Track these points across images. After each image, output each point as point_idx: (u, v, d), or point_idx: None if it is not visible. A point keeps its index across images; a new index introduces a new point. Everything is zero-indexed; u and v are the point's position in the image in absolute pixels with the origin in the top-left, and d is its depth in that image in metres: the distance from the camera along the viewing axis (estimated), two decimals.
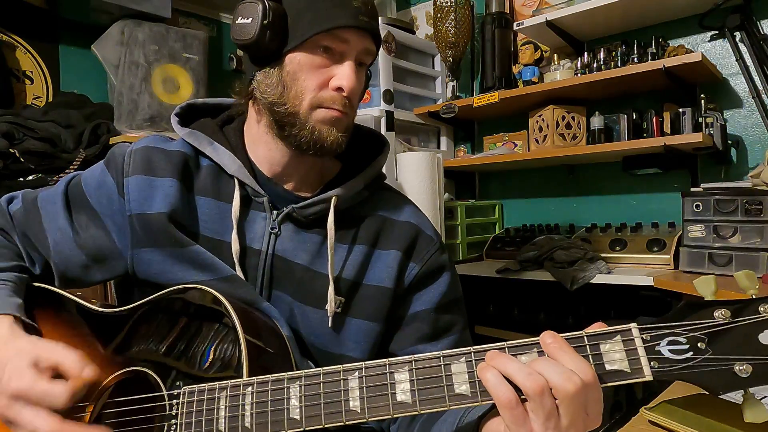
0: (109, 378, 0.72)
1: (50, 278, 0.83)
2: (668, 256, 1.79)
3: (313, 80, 0.75)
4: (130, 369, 0.71)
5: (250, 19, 0.74)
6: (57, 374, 0.65)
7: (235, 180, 0.80)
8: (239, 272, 0.78)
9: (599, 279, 1.75)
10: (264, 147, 0.82)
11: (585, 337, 0.54)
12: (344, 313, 0.80)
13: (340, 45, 0.75)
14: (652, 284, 1.62)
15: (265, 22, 0.73)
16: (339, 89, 0.75)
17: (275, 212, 0.81)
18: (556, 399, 0.51)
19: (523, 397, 0.51)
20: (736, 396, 0.54)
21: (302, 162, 0.81)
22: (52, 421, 0.62)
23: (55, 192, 0.84)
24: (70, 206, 0.83)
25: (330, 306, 0.78)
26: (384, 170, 0.91)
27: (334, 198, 0.79)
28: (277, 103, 0.76)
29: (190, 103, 0.89)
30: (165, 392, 0.67)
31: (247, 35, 0.74)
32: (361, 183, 0.83)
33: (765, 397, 0.82)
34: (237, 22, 0.76)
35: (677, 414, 0.80)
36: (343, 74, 0.75)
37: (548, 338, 0.54)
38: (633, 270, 1.80)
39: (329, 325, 0.79)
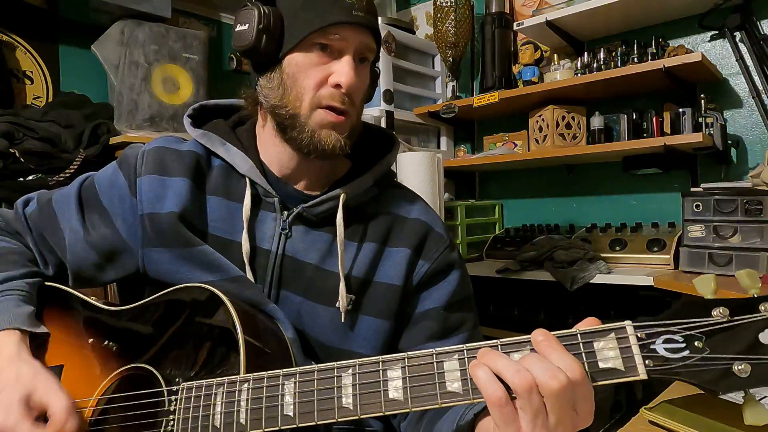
0: (114, 374, 0.73)
1: (64, 279, 0.85)
2: (668, 256, 1.78)
3: (311, 79, 0.75)
4: (133, 365, 0.72)
5: (247, 25, 0.75)
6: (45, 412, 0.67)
7: (246, 179, 0.80)
8: (248, 272, 0.78)
9: (599, 279, 1.75)
10: (273, 149, 0.82)
11: (578, 335, 0.53)
12: (355, 311, 0.80)
13: (336, 42, 0.75)
14: (652, 284, 1.62)
15: (261, 26, 0.74)
16: (337, 86, 0.75)
17: (285, 213, 0.81)
18: (543, 396, 0.50)
19: (513, 395, 0.51)
20: (736, 396, 0.53)
21: (311, 163, 0.81)
22: None
23: (69, 192, 0.85)
24: (83, 206, 0.84)
25: (342, 303, 0.78)
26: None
27: (342, 195, 0.80)
28: (279, 106, 0.77)
29: (203, 105, 0.90)
30: (164, 388, 0.68)
31: (245, 41, 0.75)
32: (370, 180, 0.84)
33: (765, 397, 0.82)
34: (236, 29, 0.77)
35: (677, 414, 0.80)
36: (341, 70, 0.74)
37: (539, 336, 0.53)
38: (633, 270, 1.80)
39: (342, 320, 0.79)
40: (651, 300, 1.78)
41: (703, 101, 1.86)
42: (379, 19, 2.35)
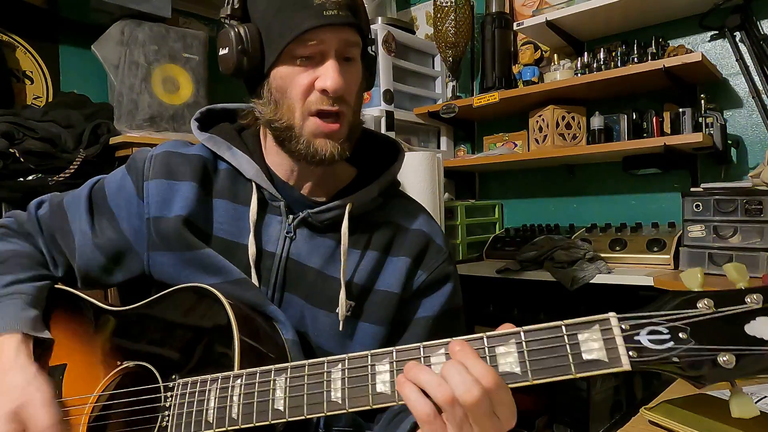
0: (114, 371, 0.74)
1: (73, 280, 0.86)
2: (668, 256, 1.78)
3: (299, 88, 0.74)
4: (133, 363, 0.74)
5: (227, 48, 0.75)
6: None
7: (253, 184, 0.81)
8: (253, 274, 0.79)
9: (599, 279, 1.75)
10: (277, 156, 0.83)
11: (563, 327, 0.54)
12: (354, 317, 0.81)
13: (314, 47, 0.73)
14: (652, 284, 1.62)
15: (240, 48, 0.74)
16: (324, 91, 0.74)
17: (291, 216, 0.82)
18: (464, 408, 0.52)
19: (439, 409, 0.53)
20: None
21: (313, 170, 0.82)
22: None
23: (80, 195, 0.87)
24: (93, 209, 0.85)
25: (341, 310, 0.79)
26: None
27: (348, 204, 0.80)
28: (273, 120, 0.77)
29: (210, 108, 0.91)
30: (161, 384, 0.69)
31: (229, 65, 0.76)
32: (376, 190, 0.84)
33: (765, 397, 0.82)
34: (219, 54, 0.77)
35: (677, 414, 0.80)
36: (326, 75, 0.73)
37: (456, 346, 0.54)
38: (633, 270, 1.79)
39: (340, 328, 0.79)
40: (651, 300, 1.78)
41: (703, 101, 1.86)
42: (379, 19, 2.35)
